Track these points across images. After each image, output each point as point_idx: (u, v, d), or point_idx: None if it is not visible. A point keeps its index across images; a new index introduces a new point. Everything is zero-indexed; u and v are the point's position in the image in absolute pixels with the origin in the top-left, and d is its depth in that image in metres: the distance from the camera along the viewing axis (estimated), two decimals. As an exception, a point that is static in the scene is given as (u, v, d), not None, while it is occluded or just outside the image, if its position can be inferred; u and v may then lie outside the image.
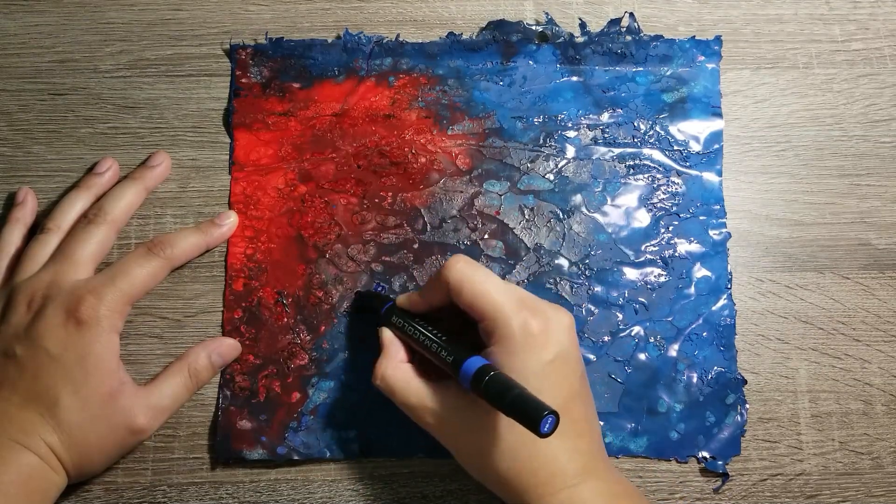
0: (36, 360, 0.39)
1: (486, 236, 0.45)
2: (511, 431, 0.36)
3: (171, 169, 0.46)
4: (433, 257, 0.45)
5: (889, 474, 0.43)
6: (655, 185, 0.46)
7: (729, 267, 0.45)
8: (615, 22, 0.48)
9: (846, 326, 0.45)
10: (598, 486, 0.36)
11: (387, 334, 0.41)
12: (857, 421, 0.44)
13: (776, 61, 0.48)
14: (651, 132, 0.47)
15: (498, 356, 0.37)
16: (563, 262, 0.45)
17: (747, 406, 0.44)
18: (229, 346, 0.43)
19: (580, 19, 0.48)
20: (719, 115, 0.47)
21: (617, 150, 0.47)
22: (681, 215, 0.46)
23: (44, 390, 0.39)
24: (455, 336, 0.39)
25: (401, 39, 0.48)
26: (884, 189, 0.47)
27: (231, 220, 0.45)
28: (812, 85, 0.48)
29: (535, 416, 0.32)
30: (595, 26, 0.48)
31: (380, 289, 0.44)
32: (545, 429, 0.32)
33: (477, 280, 0.38)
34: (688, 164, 0.47)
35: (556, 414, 0.32)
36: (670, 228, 0.46)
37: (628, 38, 0.48)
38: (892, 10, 0.49)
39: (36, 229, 0.44)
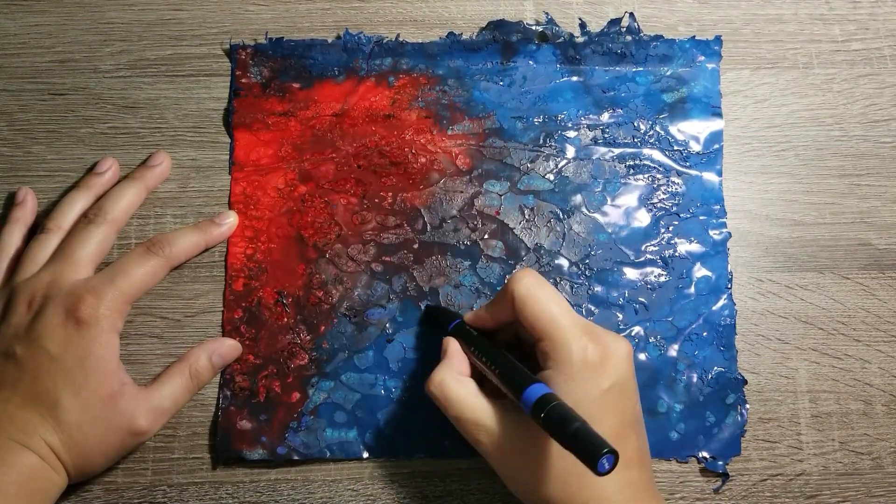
0: (36, 360, 0.39)
1: (486, 236, 0.45)
2: (563, 459, 0.36)
3: (171, 169, 0.46)
4: (433, 257, 0.45)
5: (889, 474, 0.43)
6: (655, 185, 0.46)
7: (729, 267, 0.45)
8: (615, 22, 0.48)
9: (846, 326, 0.45)
10: None
11: (453, 344, 0.40)
12: (857, 421, 0.44)
13: (776, 61, 0.48)
14: (651, 132, 0.47)
15: (554, 380, 0.36)
16: (563, 262, 0.45)
17: (747, 406, 0.44)
18: (230, 347, 0.43)
19: (580, 19, 0.48)
20: (719, 115, 0.47)
21: (617, 150, 0.47)
22: (681, 215, 0.46)
23: (44, 390, 0.39)
24: (518, 359, 0.38)
25: (401, 39, 0.48)
26: (884, 189, 0.47)
27: (231, 220, 0.45)
28: (812, 85, 0.48)
29: (594, 454, 0.31)
30: (595, 26, 0.48)
31: (379, 293, 0.44)
32: (603, 468, 0.31)
33: (542, 298, 0.37)
34: (688, 164, 0.47)
35: (615, 453, 0.31)
36: (670, 228, 0.46)
37: (628, 38, 0.48)
38: (892, 10, 0.49)
39: (36, 229, 0.44)
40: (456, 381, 0.38)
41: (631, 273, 0.45)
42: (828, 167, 0.47)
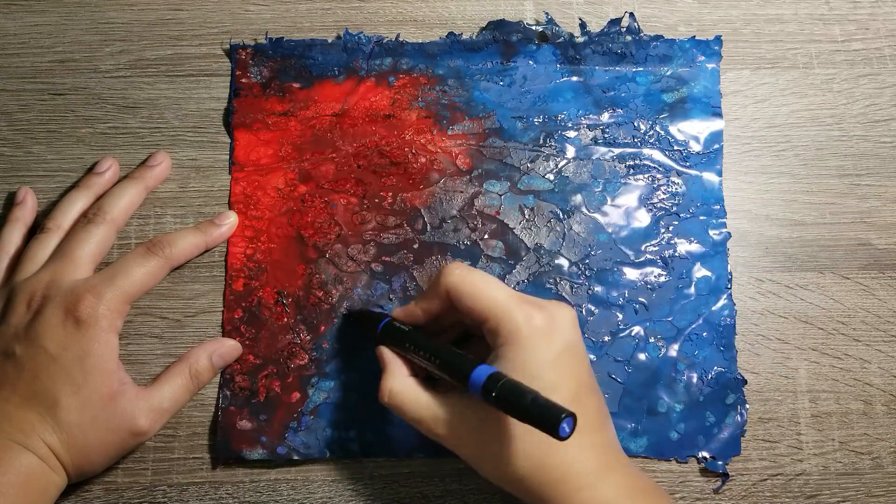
0: (35, 359, 0.39)
1: (486, 236, 0.45)
2: (524, 433, 0.36)
3: (171, 169, 0.46)
4: (433, 257, 0.45)
5: (889, 474, 0.43)
6: (655, 185, 0.46)
7: (729, 267, 0.45)
8: (615, 22, 0.48)
9: (846, 326, 0.45)
10: (619, 481, 0.36)
11: (386, 352, 0.40)
12: (857, 421, 0.44)
13: (776, 61, 0.48)
14: (651, 132, 0.47)
15: (507, 355, 0.36)
16: (563, 262, 0.45)
17: (747, 406, 0.44)
18: (230, 347, 0.43)
19: (580, 19, 0.48)
20: (719, 115, 0.47)
21: (617, 150, 0.47)
22: (681, 215, 0.46)
23: (43, 390, 0.39)
24: (457, 347, 0.38)
25: (401, 39, 0.48)
26: (884, 189, 0.47)
27: (231, 221, 0.45)
28: (812, 85, 0.48)
29: (553, 421, 0.31)
30: (595, 26, 0.48)
31: (379, 293, 0.44)
32: (564, 433, 0.32)
33: (475, 282, 0.38)
34: (688, 164, 0.47)
35: (573, 416, 0.32)
36: (670, 228, 0.46)
37: (628, 38, 0.48)
38: (892, 10, 0.49)
39: (36, 229, 0.44)
40: (403, 385, 0.39)
41: (631, 273, 0.45)
42: (828, 167, 0.47)
